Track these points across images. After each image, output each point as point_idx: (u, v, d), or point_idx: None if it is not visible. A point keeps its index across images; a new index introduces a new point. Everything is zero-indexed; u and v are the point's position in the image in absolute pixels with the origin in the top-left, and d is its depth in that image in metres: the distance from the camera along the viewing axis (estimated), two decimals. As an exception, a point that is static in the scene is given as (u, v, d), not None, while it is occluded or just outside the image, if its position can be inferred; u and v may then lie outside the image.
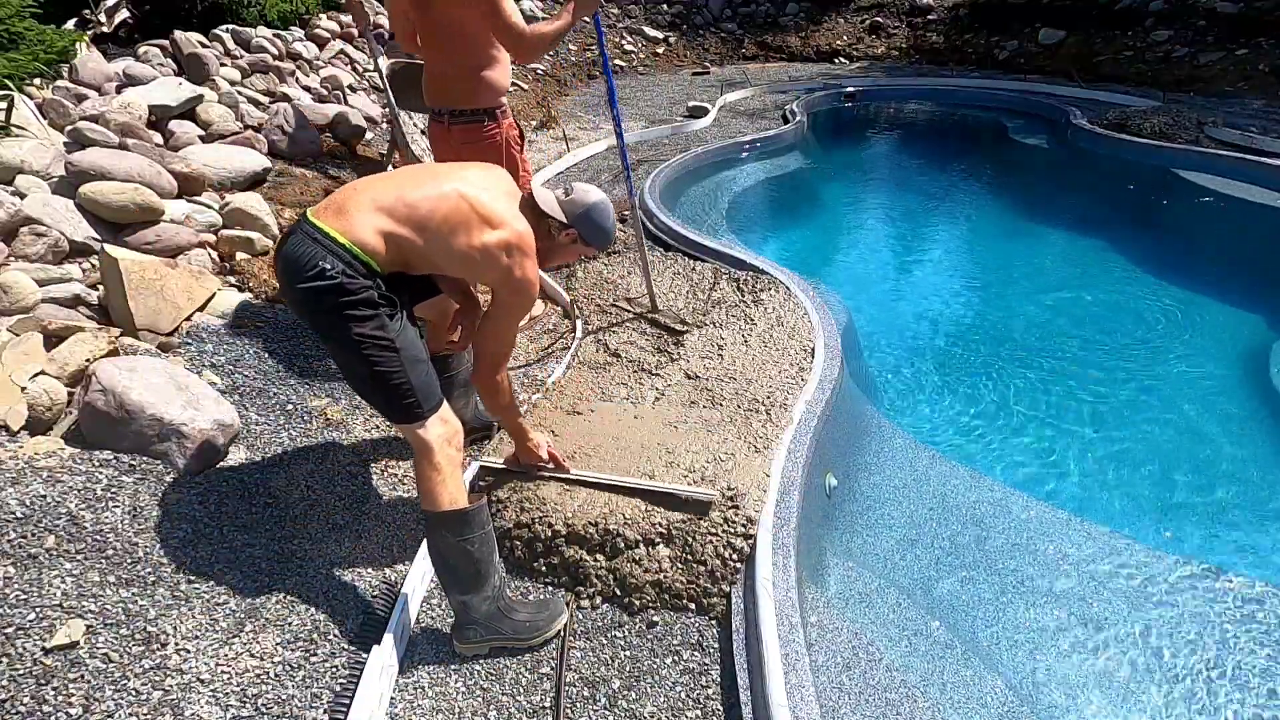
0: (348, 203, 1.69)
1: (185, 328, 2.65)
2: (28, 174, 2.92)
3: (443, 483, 1.71)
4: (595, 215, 1.95)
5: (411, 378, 1.68)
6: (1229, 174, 6.00)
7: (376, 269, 1.65)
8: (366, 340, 1.63)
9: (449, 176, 1.81)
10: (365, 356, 1.64)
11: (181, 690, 1.58)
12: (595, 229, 1.97)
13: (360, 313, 1.62)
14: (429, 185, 1.75)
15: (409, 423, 1.72)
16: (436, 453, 1.71)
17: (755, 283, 3.65)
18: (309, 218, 1.68)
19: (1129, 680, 2.07)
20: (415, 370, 1.70)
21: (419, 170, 1.91)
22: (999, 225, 5.84)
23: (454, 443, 1.76)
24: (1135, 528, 2.64)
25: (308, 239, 1.63)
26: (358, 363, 1.67)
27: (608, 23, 11.07)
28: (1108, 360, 3.69)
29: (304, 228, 1.66)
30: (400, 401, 1.70)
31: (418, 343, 1.75)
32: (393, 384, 1.67)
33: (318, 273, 1.59)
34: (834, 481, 2.60)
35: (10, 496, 1.79)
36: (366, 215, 1.66)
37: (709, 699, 1.74)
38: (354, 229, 1.64)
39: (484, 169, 1.95)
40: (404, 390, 1.68)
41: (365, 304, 1.62)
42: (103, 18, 5.01)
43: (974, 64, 10.77)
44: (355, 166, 4.62)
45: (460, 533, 1.71)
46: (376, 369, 1.65)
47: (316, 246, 1.61)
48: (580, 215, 1.94)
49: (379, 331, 1.64)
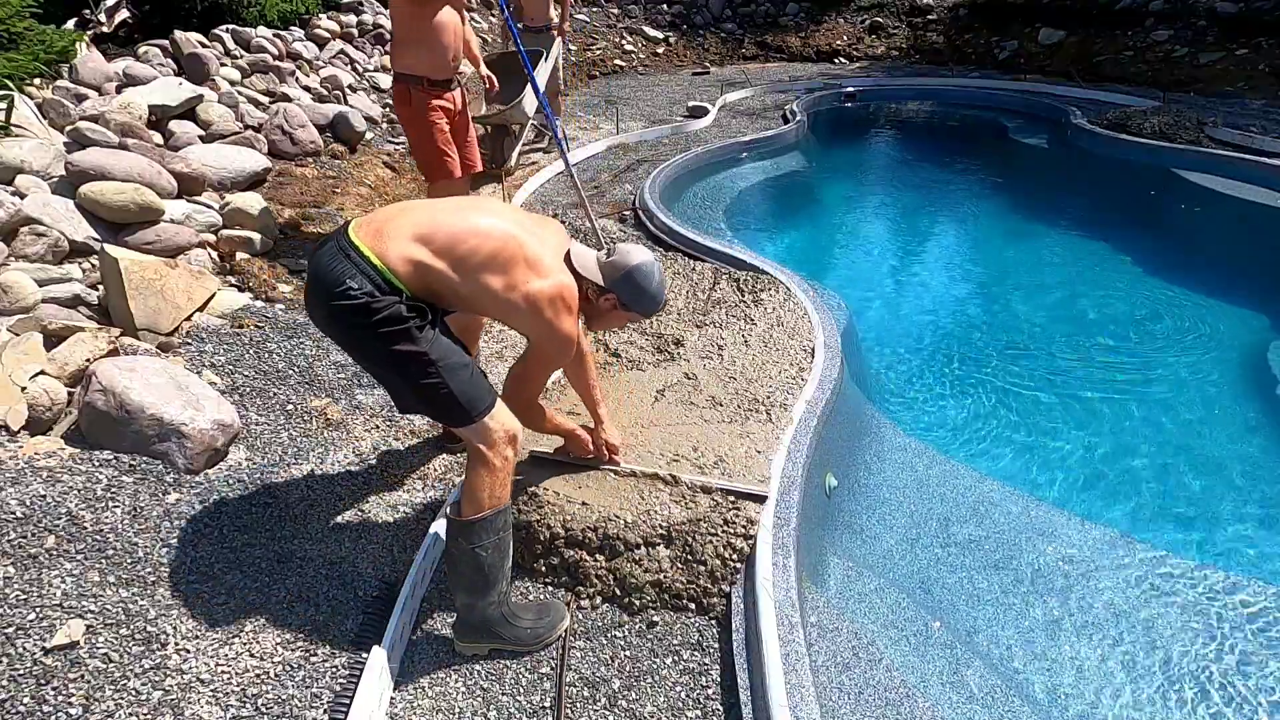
0: (387, 224, 1.63)
1: (185, 328, 2.65)
2: (28, 174, 2.93)
3: (491, 486, 1.66)
4: (638, 278, 1.79)
5: (453, 385, 1.61)
6: (1229, 174, 6.00)
7: (404, 290, 1.59)
8: (398, 356, 1.58)
9: (498, 213, 1.72)
10: (401, 372, 1.61)
11: (181, 690, 1.58)
12: (638, 294, 1.81)
13: (389, 329, 1.56)
14: (476, 218, 1.66)
15: (462, 426, 1.67)
16: (491, 455, 1.66)
17: (755, 283, 3.65)
18: (348, 231, 1.63)
19: (1129, 680, 2.07)
20: (456, 377, 1.62)
21: (468, 200, 1.82)
22: (999, 225, 5.84)
23: (512, 445, 1.70)
24: (1136, 527, 2.64)
25: (340, 254, 1.58)
26: (395, 378, 1.64)
27: (608, 23, 11.07)
28: (1108, 360, 3.69)
29: (340, 240, 1.61)
30: (446, 410, 1.65)
31: (453, 349, 1.66)
32: (435, 395, 1.61)
33: (343, 291, 1.54)
34: (834, 481, 2.60)
35: (10, 496, 1.79)
36: (402, 242, 1.59)
37: (709, 699, 1.74)
38: (388, 254, 1.58)
39: (540, 218, 1.86)
40: (447, 399, 1.62)
41: (392, 320, 1.55)
42: (103, 18, 5.01)
43: (974, 64, 10.77)
44: (356, 166, 4.62)
45: (480, 539, 1.67)
46: (417, 383, 1.60)
47: (347, 263, 1.56)
48: (620, 279, 1.79)
49: (410, 346, 1.58)
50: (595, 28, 10.77)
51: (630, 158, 6.18)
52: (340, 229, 1.66)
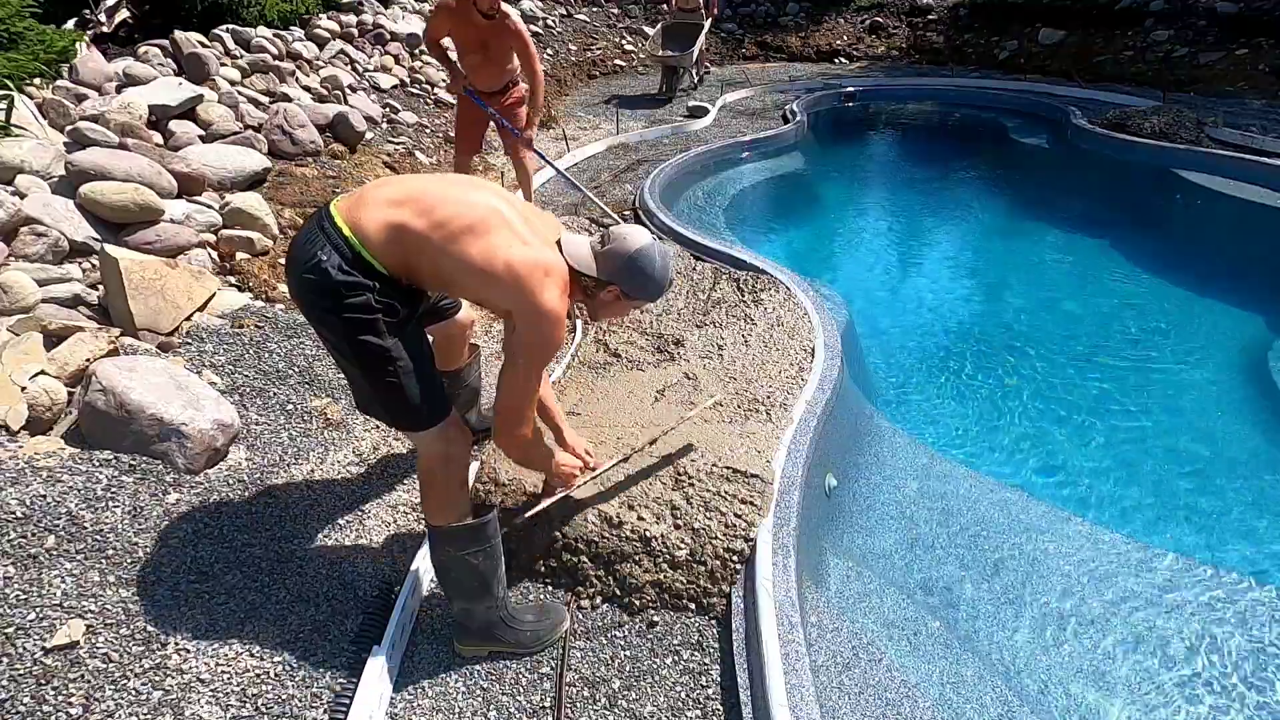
0: (367, 194, 1.56)
1: (185, 328, 2.65)
2: (28, 174, 2.92)
3: (444, 494, 1.66)
4: (640, 263, 1.63)
5: (407, 388, 1.56)
6: (1229, 174, 6.00)
7: (379, 268, 1.50)
8: (360, 347, 1.52)
9: (491, 190, 1.63)
10: (360, 364, 1.56)
11: (181, 690, 1.58)
12: (643, 282, 1.66)
13: (353, 316, 1.50)
14: (463, 190, 1.58)
15: (406, 431, 1.66)
16: (433, 468, 1.65)
17: (755, 283, 3.65)
18: (329, 206, 1.57)
19: (1129, 680, 2.07)
20: (412, 381, 1.56)
21: (461, 177, 1.73)
22: (999, 225, 5.84)
23: (456, 460, 1.66)
24: (1136, 527, 2.64)
25: (316, 227, 1.53)
26: (355, 370, 1.60)
27: (608, 23, 11.07)
28: (1108, 359, 3.69)
29: (320, 214, 1.56)
30: (393, 411, 1.61)
31: (419, 352, 1.60)
32: (388, 395, 1.57)
33: (313, 265, 1.48)
34: (834, 481, 2.60)
35: (10, 496, 1.78)
36: (380, 208, 1.52)
37: (709, 699, 1.74)
38: (361, 220, 1.50)
39: (536, 208, 1.74)
40: (400, 401, 1.57)
41: (360, 308, 1.49)
42: (103, 18, 5.02)
43: (974, 64, 10.77)
44: (356, 166, 4.62)
45: (465, 546, 1.67)
46: (373, 379, 1.56)
47: (321, 237, 1.51)
48: (620, 268, 1.64)
49: (373, 339, 1.51)
50: (595, 28, 10.76)
51: (630, 158, 6.18)
52: (325, 204, 1.60)
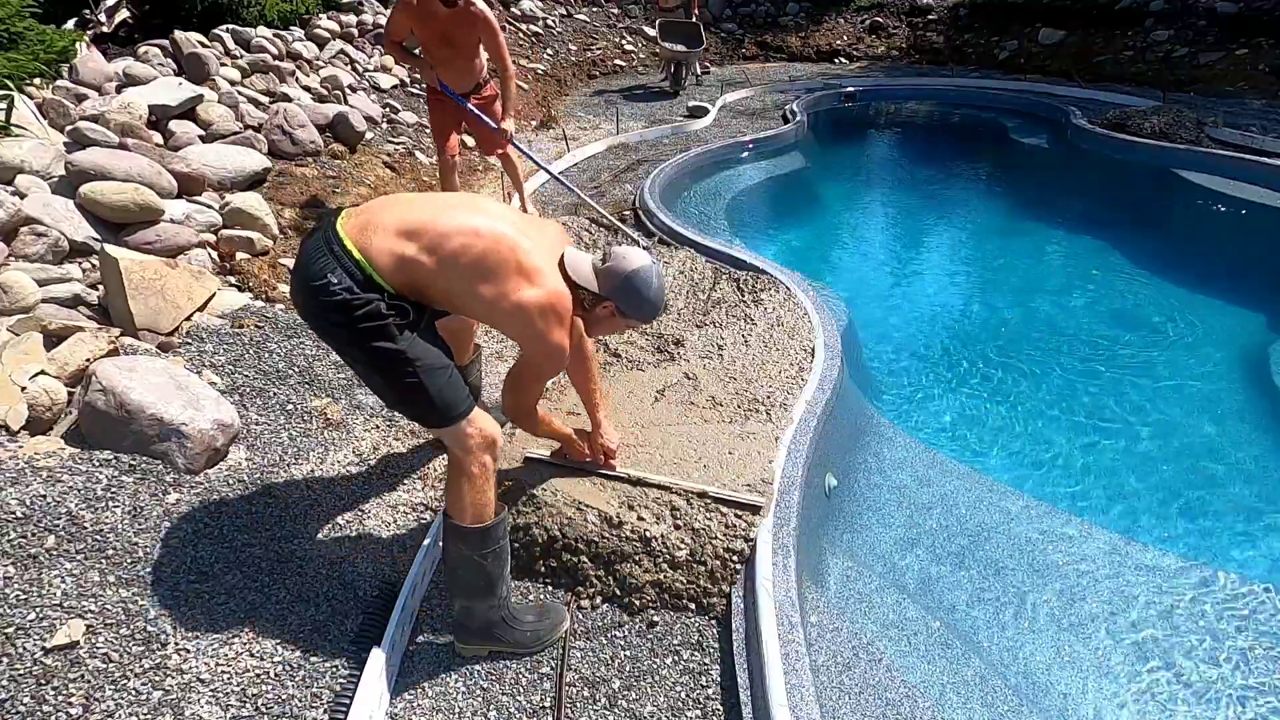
0: (374, 219, 1.59)
1: (185, 328, 2.65)
2: (28, 174, 2.92)
3: (470, 492, 1.65)
4: (636, 283, 1.71)
5: (430, 386, 1.58)
6: (1229, 174, 6.00)
7: (389, 289, 1.55)
8: (375, 353, 1.55)
9: (493, 213, 1.66)
10: (379, 369, 1.59)
11: (181, 690, 1.58)
12: (637, 302, 1.74)
13: (365, 325, 1.53)
14: (467, 217, 1.61)
15: (438, 428, 1.66)
16: (467, 461, 1.65)
17: (755, 282, 3.65)
18: (335, 223, 1.59)
19: (1130, 679, 2.07)
20: (433, 378, 1.59)
21: (462, 198, 1.75)
22: (999, 225, 5.83)
23: (490, 451, 1.68)
24: (1135, 527, 2.64)
25: (324, 247, 1.55)
26: (374, 376, 1.63)
27: (608, 23, 11.06)
28: (1108, 359, 3.69)
29: (327, 232, 1.58)
30: (423, 411, 1.63)
31: (433, 350, 1.63)
32: (411, 394, 1.59)
33: (323, 285, 1.51)
34: (834, 481, 2.60)
35: (10, 496, 1.79)
36: (388, 237, 1.55)
37: (709, 699, 1.74)
38: (371, 248, 1.54)
39: (538, 220, 1.77)
40: (423, 399, 1.60)
41: (369, 316, 1.52)
42: (103, 18, 5.02)
43: (974, 64, 10.76)
44: (356, 166, 4.62)
45: (477, 547, 1.68)
46: (394, 381, 1.59)
47: (329, 258, 1.53)
48: (617, 287, 1.72)
49: (387, 344, 1.54)
50: (595, 28, 10.76)
51: (630, 158, 6.18)
52: (329, 219, 1.62)
